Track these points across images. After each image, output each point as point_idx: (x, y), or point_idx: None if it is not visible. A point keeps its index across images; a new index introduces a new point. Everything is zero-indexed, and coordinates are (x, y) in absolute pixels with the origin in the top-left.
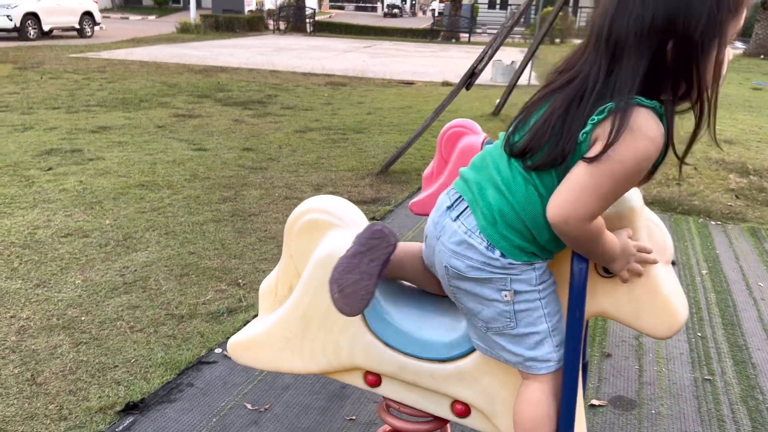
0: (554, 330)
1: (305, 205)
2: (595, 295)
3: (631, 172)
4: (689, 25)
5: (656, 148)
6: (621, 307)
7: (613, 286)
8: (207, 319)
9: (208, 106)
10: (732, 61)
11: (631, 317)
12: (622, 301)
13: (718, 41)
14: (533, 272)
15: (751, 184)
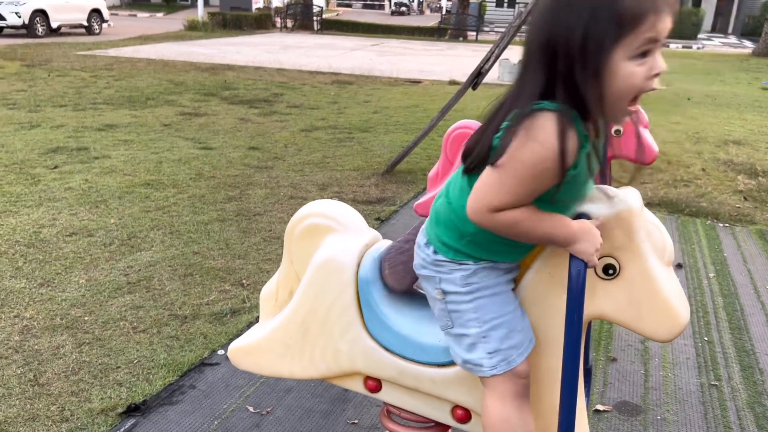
0: (486, 337)
1: (305, 210)
2: (594, 297)
3: (529, 170)
4: (568, 41)
5: (546, 149)
6: (621, 310)
7: (613, 288)
8: (210, 320)
9: (214, 105)
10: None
11: (631, 319)
12: (621, 303)
13: (605, 55)
14: (459, 272)
15: (759, 185)
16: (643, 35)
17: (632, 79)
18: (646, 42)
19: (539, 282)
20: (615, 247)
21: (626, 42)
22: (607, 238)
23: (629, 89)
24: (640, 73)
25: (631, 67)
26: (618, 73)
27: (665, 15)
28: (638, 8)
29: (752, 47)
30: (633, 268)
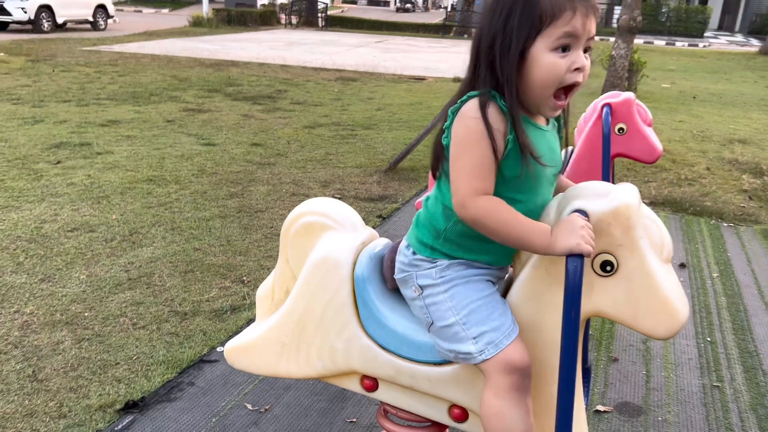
0: (465, 323)
1: (301, 208)
2: (592, 294)
3: (470, 144)
4: (493, 33)
5: (473, 120)
6: (619, 306)
7: (611, 285)
8: (210, 316)
9: (217, 101)
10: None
11: (630, 317)
12: (619, 299)
13: (527, 44)
14: (434, 269)
15: (764, 185)
16: (561, 29)
17: (553, 69)
18: (564, 35)
19: (535, 279)
20: (612, 243)
21: (546, 34)
22: (604, 234)
23: (551, 78)
24: (562, 64)
25: (552, 57)
26: (539, 61)
27: (582, 13)
28: (555, 7)
29: (759, 46)
30: (631, 264)
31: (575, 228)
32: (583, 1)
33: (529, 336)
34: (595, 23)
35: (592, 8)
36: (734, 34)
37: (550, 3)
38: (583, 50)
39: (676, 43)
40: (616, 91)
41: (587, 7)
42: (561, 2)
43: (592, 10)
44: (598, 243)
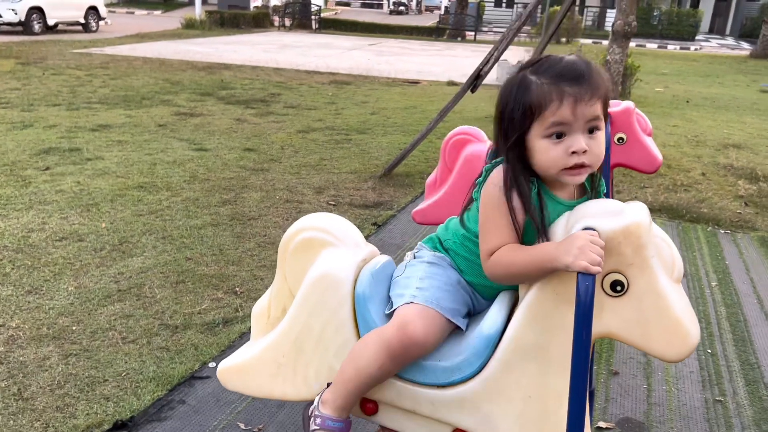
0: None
1: (300, 224)
2: (602, 315)
3: (493, 209)
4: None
5: (500, 191)
6: (629, 328)
7: (621, 305)
8: (202, 330)
9: (210, 105)
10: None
11: (640, 338)
12: (630, 320)
13: (523, 133)
14: (430, 254)
15: (760, 190)
16: (549, 119)
17: (549, 154)
18: (552, 125)
19: (542, 300)
20: (623, 262)
21: (537, 123)
22: (614, 253)
23: (550, 163)
24: (557, 150)
25: (546, 144)
26: (536, 148)
27: (570, 102)
28: (542, 99)
29: (750, 49)
30: (641, 284)
31: (581, 245)
32: (574, 89)
33: (535, 358)
34: (592, 106)
35: (584, 94)
36: (725, 37)
37: (538, 94)
38: (588, 131)
39: (668, 46)
40: (616, 100)
41: (576, 95)
42: (548, 93)
43: (586, 95)
44: (609, 262)
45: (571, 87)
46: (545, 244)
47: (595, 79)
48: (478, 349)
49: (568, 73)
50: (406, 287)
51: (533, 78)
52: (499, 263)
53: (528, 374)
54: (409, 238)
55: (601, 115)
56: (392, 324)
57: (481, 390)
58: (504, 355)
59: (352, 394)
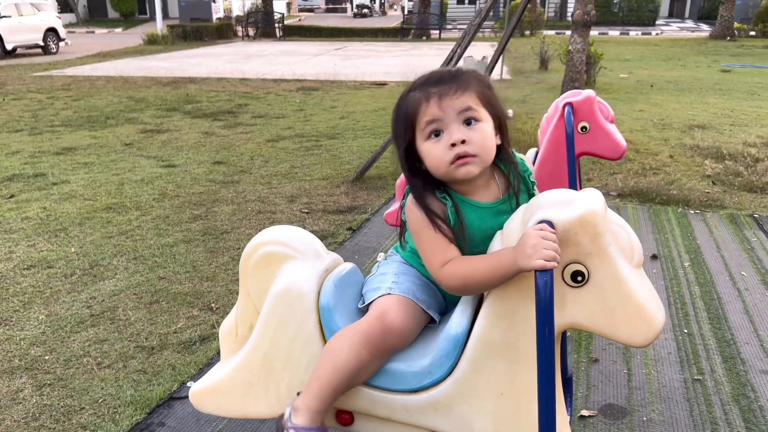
0: (397, 274)
1: (258, 239)
2: (565, 306)
3: (422, 230)
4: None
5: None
6: (593, 317)
7: (583, 295)
8: (178, 349)
9: (176, 120)
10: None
11: (605, 327)
12: (593, 310)
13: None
14: (401, 258)
15: (726, 169)
16: (423, 120)
17: (432, 153)
18: (426, 124)
19: (506, 297)
20: (581, 252)
21: (417, 129)
22: (572, 243)
23: (437, 161)
24: (438, 147)
25: (428, 145)
26: (423, 152)
27: (435, 100)
28: (412, 106)
29: (709, 30)
30: (602, 273)
31: (533, 243)
32: (437, 88)
33: (504, 355)
34: (459, 98)
35: (448, 90)
36: (684, 20)
37: (410, 102)
38: (465, 122)
39: (630, 32)
40: (577, 90)
41: (440, 92)
42: (417, 98)
43: (450, 90)
44: (567, 253)
45: (435, 87)
46: (501, 251)
47: (462, 78)
48: (446, 350)
49: (432, 77)
50: (382, 282)
51: (408, 93)
52: (454, 276)
53: (498, 372)
54: (385, 241)
55: (474, 107)
56: (369, 315)
57: (453, 391)
58: (473, 355)
59: (328, 395)
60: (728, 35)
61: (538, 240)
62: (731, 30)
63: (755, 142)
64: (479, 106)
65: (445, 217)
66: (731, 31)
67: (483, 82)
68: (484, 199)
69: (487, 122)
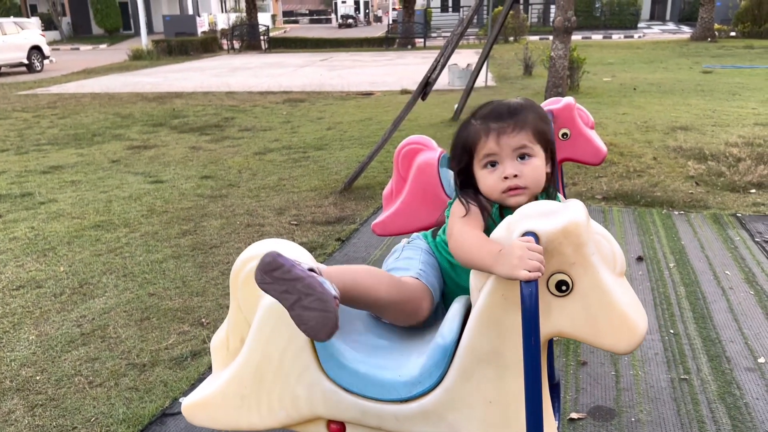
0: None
1: (248, 253)
2: (550, 315)
3: (460, 210)
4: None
5: (463, 208)
6: (578, 326)
7: (568, 304)
8: (170, 365)
9: (163, 135)
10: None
11: (590, 334)
12: (578, 319)
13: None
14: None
15: (709, 169)
16: (481, 152)
17: (487, 181)
18: (485, 156)
19: (493, 305)
20: (565, 262)
21: (476, 156)
22: (556, 253)
23: (489, 188)
24: (493, 177)
25: (484, 173)
26: (478, 176)
27: (494, 136)
28: (473, 137)
29: (690, 32)
30: (585, 282)
31: (519, 255)
32: (497, 124)
33: (492, 364)
34: (515, 136)
35: (506, 127)
36: (666, 22)
37: (471, 134)
38: (519, 157)
39: (613, 36)
40: (557, 97)
41: (499, 129)
42: (477, 131)
43: (508, 128)
44: (551, 263)
45: (495, 123)
46: (491, 246)
47: (521, 115)
48: (436, 360)
49: (493, 113)
50: (410, 264)
51: (471, 121)
52: (455, 235)
53: (486, 380)
54: (374, 251)
55: (528, 144)
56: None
57: (443, 400)
58: (462, 364)
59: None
60: (709, 36)
61: (524, 251)
62: (712, 31)
63: (737, 142)
64: (533, 143)
65: (490, 213)
66: (712, 32)
67: (539, 118)
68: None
69: (539, 157)
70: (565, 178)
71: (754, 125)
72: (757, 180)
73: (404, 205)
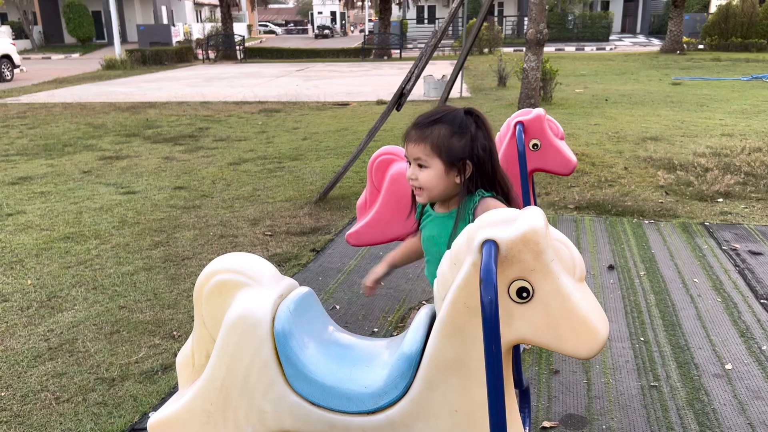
0: None
1: (211, 267)
2: (512, 322)
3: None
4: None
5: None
6: (540, 332)
7: (529, 311)
8: (140, 379)
9: (136, 146)
10: (650, 58)
11: (552, 340)
12: (539, 325)
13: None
14: None
15: (678, 179)
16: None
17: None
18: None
19: (456, 314)
20: (525, 269)
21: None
22: (516, 261)
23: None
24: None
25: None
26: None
27: (406, 142)
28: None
29: (660, 44)
30: (546, 288)
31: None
32: (410, 133)
33: (456, 372)
34: (413, 147)
35: (410, 138)
36: (636, 35)
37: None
38: (418, 165)
39: (585, 48)
40: (527, 109)
41: (407, 137)
42: (405, 133)
43: (411, 139)
44: (511, 270)
45: (411, 130)
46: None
47: (428, 129)
48: (401, 370)
49: (416, 121)
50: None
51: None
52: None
53: (452, 389)
54: (349, 261)
55: (423, 156)
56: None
57: (409, 411)
58: (426, 373)
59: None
60: (678, 49)
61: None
62: (680, 44)
63: (704, 153)
64: (429, 156)
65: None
66: (680, 45)
67: (449, 134)
68: (439, 210)
69: (434, 168)
70: (538, 188)
71: (721, 136)
72: (724, 189)
73: (378, 215)
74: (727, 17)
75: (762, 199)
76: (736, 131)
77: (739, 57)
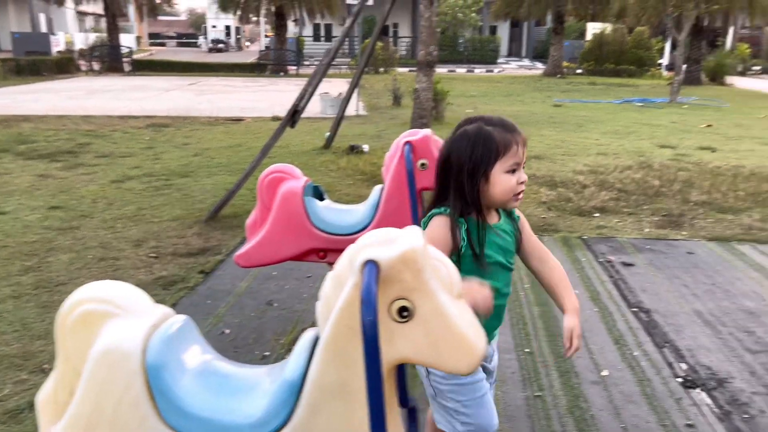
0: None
1: (75, 297)
2: (393, 342)
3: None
4: (458, 165)
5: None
6: (420, 350)
7: (410, 330)
8: (3, 420)
9: (7, 162)
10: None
11: (432, 358)
12: (420, 343)
13: (489, 170)
14: None
15: (559, 195)
16: (511, 159)
17: (508, 185)
18: (513, 163)
19: (338, 336)
20: (405, 288)
21: (501, 161)
22: (395, 280)
23: (508, 191)
24: (512, 181)
25: (507, 177)
26: (499, 180)
27: (521, 145)
28: (503, 143)
29: (543, 68)
30: (425, 307)
31: None
32: (520, 138)
33: (340, 396)
34: (525, 149)
35: (525, 140)
36: (522, 59)
37: (502, 140)
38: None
39: (475, 70)
40: (416, 129)
41: (524, 141)
42: (509, 139)
43: (525, 141)
44: (393, 290)
45: (520, 136)
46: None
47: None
48: (282, 398)
49: (509, 124)
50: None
51: (490, 128)
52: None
53: (336, 413)
54: (240, 283)
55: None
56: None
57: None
58: (309, 399)
59: None
60: (558, 73)
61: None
62: (561, 68)
63: (583, 170)
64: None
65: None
66: (561, 69)
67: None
68: (492, 221)
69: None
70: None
71: (597, 154)
72: (600, 204)
73: (269, 234)
74: (601, 45)
75: (632, 213)
76: (610, 150)
77: (613, 81)
